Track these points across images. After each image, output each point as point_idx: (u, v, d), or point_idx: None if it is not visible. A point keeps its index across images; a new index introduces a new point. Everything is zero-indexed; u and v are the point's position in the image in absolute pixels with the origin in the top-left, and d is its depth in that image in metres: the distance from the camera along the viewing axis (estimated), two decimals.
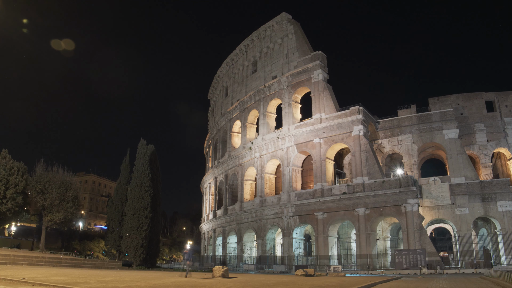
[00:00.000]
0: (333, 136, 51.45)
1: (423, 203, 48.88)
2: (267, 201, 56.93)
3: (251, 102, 64.63)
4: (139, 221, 47.96)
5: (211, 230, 71.05)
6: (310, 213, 51.10)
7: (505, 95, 54.97)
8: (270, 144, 58.09)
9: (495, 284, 22.75)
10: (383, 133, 55.83)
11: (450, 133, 51.29)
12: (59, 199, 59.98)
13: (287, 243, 53.07)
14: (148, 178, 50.10)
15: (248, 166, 62.53)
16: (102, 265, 40.35)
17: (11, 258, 31.31)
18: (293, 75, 57.90)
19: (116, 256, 53.19)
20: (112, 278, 19.10)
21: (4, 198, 53.58)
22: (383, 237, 52.83)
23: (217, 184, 71.97)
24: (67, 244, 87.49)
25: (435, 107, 55.78)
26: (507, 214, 46.07)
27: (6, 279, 15.85)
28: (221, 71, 78.63)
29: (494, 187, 47.28)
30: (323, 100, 53.76)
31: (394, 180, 45.50)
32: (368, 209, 46.42)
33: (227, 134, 70.90)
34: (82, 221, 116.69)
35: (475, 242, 48.64)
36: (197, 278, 22.86)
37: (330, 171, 52.53)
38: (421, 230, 43.21)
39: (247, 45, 68.94)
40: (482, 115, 54.82)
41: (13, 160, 57.12)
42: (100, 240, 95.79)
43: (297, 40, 59.71)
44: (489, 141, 53.98)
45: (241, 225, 60.76)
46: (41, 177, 60.14)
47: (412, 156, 53.08)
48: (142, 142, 53.31)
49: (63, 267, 32.64)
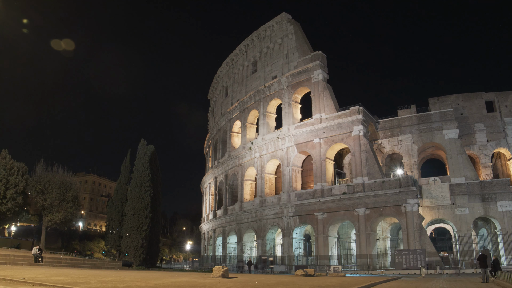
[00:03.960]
0: (333, 136, 51.45)
1: (423, 203, 48.87)
2: (267, 201, 56.92)
3: (251, 102, 64.63)
4: (139, 221, 47.98)
5: (211, 230, 71.04)
6: (310, 213, 51.10)
7: (505, 95, 54.98)
8: (270, 144, 58.09)
9: (496, 284, 22.77)
10: (383, 133, 55.83)
11: (450, 133, 51.28)
12: (59, 199, 59.98)
13: (287, 243, 53.06)
14: (148, 178, 50.12)
15: (248, 166, 62.53)
16: (102, 265, 40.37)
17: (11, 258, 31.32)
18: (293, 75, 57.89)
19: (116, 256, 53.20)
20: (112, 278, 19.10)
21: (4, 198, 53.60)
22: (383, 237, 52.81)
23: (217, 184, 71.96)
24: (67, 244, 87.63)
25: (435, 107, 55.79)
26: (507, 214, 46.07)
27: (6, 279, 15.85)
28: (221, 71, 78.63)
29: (494, 187, 47.27)
30: (323, 100, 53.77)
31: (394, 180, 45.50)
32: (368, 209, 46.42)
33: (227, 134, 70.89)
34: (82, 221, 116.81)
35: (475, 242, 48.60)
36: (197, 278, 22.85)
37: (330, 171, 52.53)
38: (421, 230, 43.20)
39: (247, 45, 68.94)
40: (482, 115, 54.81)
41: (13, 160, 57.15)
42: (100, 240, 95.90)
43: (297, 40, 59.71)
44: (489, 141, 53.97)
45: (241, 225, 60.75)
46: (41, 177, 60.16)
47: (412, 156, 53.07)
48: (142, 142, 53.37)
49: (63, 267, 32.64)
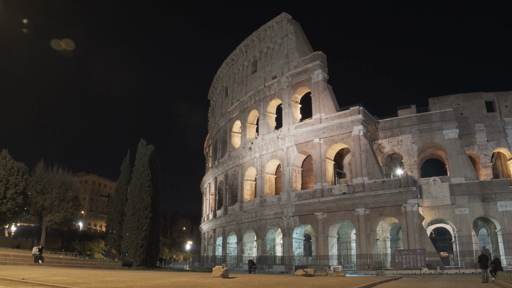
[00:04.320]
0: (333, 136, 51.44)
1: (423, 203, 48.87)
2: (267, 201, 56.92)
3: (251, 102, 64.62)
4: (139, 221, 47.99)
5: (211, 230, 71.04)
6: (310, 213, 51.09)
7: (505, 95, 54.97)
8: (270, 144, 58.08)
9: (496, 284, 22.77)
10: (383, 133, 55.82)
11: (450, 133, 51.27)
12: (59, 199, 60.01)
13: (287, 243, 53.06)
14: (148, 178, 50.14)
15: (248, 166, 62.52)
16: (102, 265, 40.35)
17: (11, 258, 31.30)
18: (293, 75, 57.88)
19: (116, 256, 53.21)
20: (112, 278, 19.10)
21: (4, 198, 53.61)
22: (383, 237, 52.80)
23: (217, 184, 71.95)
24: (67, 244, 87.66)
25: (435, 107, 55.78)
26: (507, 214, 46.06)
27: (6, 279, 15.83)
28: (221, 71, 78.62)
29: (494, 187, 47.26)
30: (323, 100, 53.76)
31: (394, 180, 45.50)
32: (368, 209, 46.42)
33: (227, 134, 70.88)
34: (82, 221, 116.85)
35: (475, 242, 48.60)
36: (197, 278, 22.85)
37: (330, 171, 52.52)
38: (421, 230, 43.20)
39: (247, 45, 68.93)
40: (482, 115, 54.80)
41: (13, 160, 57.17)
42: (100, 240, 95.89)
43: (297, 40, 59.70)
44: (489, 141, 53.96)
45: (241, 225, 60.75)
46: (41, 177, 60.17)
47: (412, 156, 53.06)
48: (142, 142, 53.37)
49: (63, 267, 32.62)
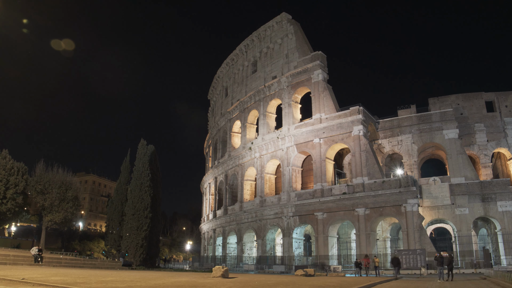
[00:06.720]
0: (333, 136, 51.44)
1: (423, 203, 48.87)
2: (267, 201, 56.92)
3: (251, 102, 64.62)
4: (139, 221, 48.00)
5: (211, 230, 71.04)
6: (310, 213, 51.09)
7: (505, 95, 54.97)
8: (270, 144, 58.08)
9: (495, 284, 22.75)
10: (383, 133, 55.83)
11: (450, 133, 51.28)
12: (59, 199, 59.96)
13: (287, 243, 53.06)
14: (148, 178, 50.15)
15: (248, 166, 62.52)
16: (102, 265, 40.35)
17: (11, 258, 31.32)
18: (293, 75, 57.88)
19: (116, 256, 53.20)
20: (112, 278, 19.11)
21: (4, 198, 53.59)
22: (383, 237, 52.81)
23: (217, 184, 71.96)
24: (67, 244, 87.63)
25: (435, 107, 55.77)
26: (507, 214, 46.07)
27: (6, 279, 15.84)
28: (221, 71, 78.62)
29: (494, 187, 47.27)
30: (323, 100, 53.76)
31: (394, 180, 45.49)
32: (368, 209, 46.42)
33: (227, 134, 70.88)
34: (82, 221, 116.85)
35: (475, 242, 48.63)
36: (197, 278, 22.85)
37: (330, 171, 52.52)
38: (421, 230, 43.20)
39: (247, 45, 68.93)
40: (482, 115, 54.80)
41: (13, 160, 57.12)
42: (100, 240, 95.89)
43: (297, 40, 59.70)
44: (489, 141, 53.96)
45: (241, 225, 60.75)
46: (41, 177, 60.11)
47: (412, 156, 53.07)
48: (142, 142, 53.39)
49: (63, 267, 32.63)
